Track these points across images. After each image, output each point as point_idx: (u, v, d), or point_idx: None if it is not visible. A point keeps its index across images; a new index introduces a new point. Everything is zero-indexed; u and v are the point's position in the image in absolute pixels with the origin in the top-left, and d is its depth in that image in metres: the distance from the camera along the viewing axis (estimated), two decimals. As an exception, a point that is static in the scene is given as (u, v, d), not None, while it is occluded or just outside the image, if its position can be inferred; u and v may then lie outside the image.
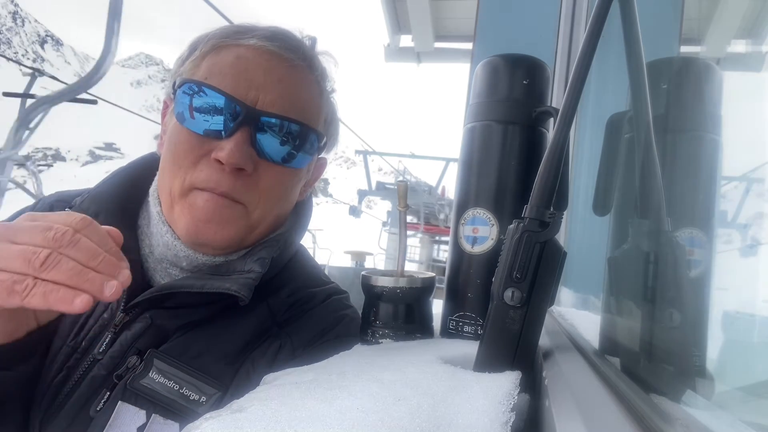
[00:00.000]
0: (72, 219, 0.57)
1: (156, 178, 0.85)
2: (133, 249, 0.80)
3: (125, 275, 0.58)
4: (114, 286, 0.56)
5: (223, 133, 0.74)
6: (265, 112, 0.75)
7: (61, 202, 0.87)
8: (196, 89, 0.75)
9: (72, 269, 0.54)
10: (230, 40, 0.78)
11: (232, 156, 0.72)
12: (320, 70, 0.85)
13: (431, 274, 0.77)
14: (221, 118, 0.74)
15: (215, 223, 0.75)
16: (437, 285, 0.78)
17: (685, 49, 0.87)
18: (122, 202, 0.84)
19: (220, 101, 0.74)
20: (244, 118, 0.74)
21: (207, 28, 0.83)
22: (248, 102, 0.74)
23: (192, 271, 0.81)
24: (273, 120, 0.76)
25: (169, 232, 0.79)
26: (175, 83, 0.79)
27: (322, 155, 0.92)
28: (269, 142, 0.76)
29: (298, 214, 0.93)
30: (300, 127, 0.78)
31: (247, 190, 0.76)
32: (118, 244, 0.62)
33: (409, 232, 0.78)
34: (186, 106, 0.75)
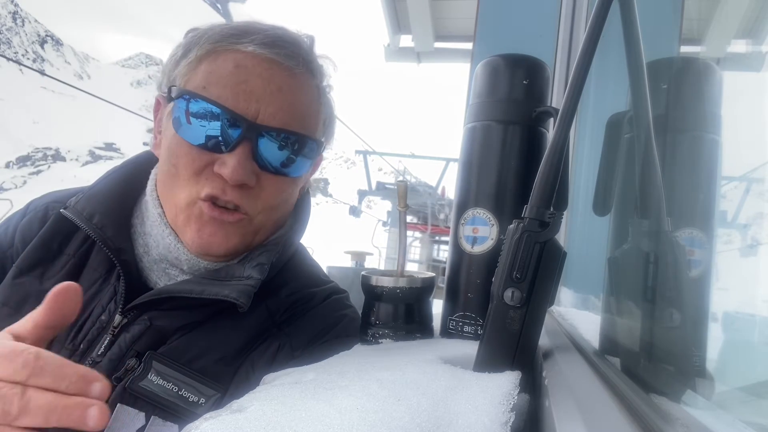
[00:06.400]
0: (14, 366, 0.48)
1: (154, 178, 0.84)
2: (127, 249, 0.81)
3: (99, 400, 0.49)
4: (95, 416, 0.48)
5: (224, 147, 0.73)
6: (266, 126, 0.75)
7: (57, 203, 0.87)
8: (196, 100, 0.74)
9: None
10: (227, 44, 0.76)
11: (235, 173, 0.72)
12: (320, 72, 0.84)
13: (431, 274, 0.77)
14: (223, 131, 0.73)
15: (220, 235, 0.76)
16: (437, 285, 0.78)
17: (685, 49, 0.87)
18: (117, 201, 0.84)
19: (221, 115, 0.73)
20: (246, 133, 0.73)
21: (200, 24, 0.81)
22: (249, 116, 0.74)
23: (192, 273, 0.81)
24: (274, 134, 0.76)
25: (172, 236, 0.79)
26: (171, 88, 0.78)
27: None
28: (270, 155, 0.76)
29: (297, 213, 0.93)
30: (301, 138, 0.79)
31: (250, 200, 0.77)
32: (78, 299, 0.56)
33: (410, 232, 0.78)
34: (185, 117, 0.74)
